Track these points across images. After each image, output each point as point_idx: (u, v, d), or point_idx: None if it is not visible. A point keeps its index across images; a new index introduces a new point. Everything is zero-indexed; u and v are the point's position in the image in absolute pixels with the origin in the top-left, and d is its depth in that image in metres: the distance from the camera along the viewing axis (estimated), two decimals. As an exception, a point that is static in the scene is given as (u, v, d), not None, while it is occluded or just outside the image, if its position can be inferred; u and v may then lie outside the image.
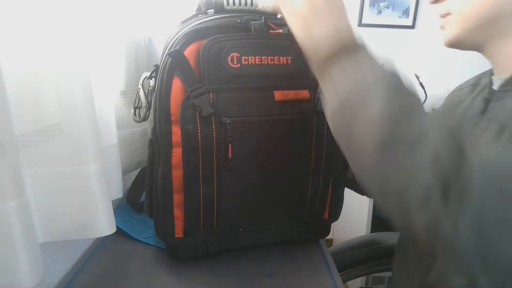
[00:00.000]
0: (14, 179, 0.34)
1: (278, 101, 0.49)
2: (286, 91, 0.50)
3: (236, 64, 0.47)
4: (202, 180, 0.50)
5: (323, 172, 0.56)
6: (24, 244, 0.36)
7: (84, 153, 0.43)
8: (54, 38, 0.40)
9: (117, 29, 0.59)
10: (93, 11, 0.53)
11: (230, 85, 0.48)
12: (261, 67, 0.49)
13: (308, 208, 0.57)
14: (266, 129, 0.50)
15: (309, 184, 0.55)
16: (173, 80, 0.47)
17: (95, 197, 0.45)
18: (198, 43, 0.47)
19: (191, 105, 0.46)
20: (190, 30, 0.47)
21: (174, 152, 0.49)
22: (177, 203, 0.51)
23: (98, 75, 0.53)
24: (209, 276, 0.53)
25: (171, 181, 0.50)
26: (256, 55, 0.48)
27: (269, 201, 0.54)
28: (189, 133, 0.47)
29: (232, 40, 0.47)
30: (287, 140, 0.51)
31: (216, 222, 0.53)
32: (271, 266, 0.56)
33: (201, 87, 0.46)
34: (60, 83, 0.41)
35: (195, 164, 0.49)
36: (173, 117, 0.48)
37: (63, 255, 0.54)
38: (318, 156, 0.54)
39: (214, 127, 0.47)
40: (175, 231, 0.52)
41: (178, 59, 0.46)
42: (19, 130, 0.38)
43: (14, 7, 0.37)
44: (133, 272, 0.54)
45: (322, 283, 0.52)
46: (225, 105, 0.47)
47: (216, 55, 0.46)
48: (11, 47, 0.37)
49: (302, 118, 0.51)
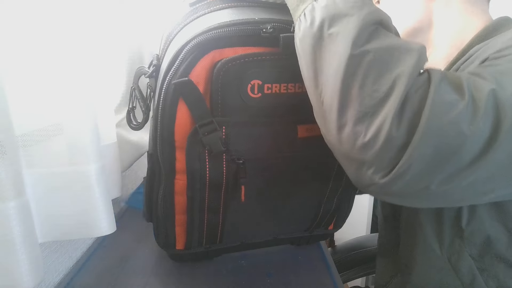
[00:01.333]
0: (14, 179, 0.35)
1: (301, 138, 0.42)
2: (311, 125, 0.42)
3: (257, 94, 0.38)
4: (208, 210, 0.45)
5: (337, 198, 0.52)
6: (24, 244, 0.36)
7: (84, 152, 0.43)
8: (55, 40, 0.40)
9: (116, 29, 0.59)
10: (92, 12, 0.53)
11: (246, 119, 0.39)
12: (287, 96, 0.39)
13: (316, 224, 0.56)
14: (285, 166, 0.44)
15: (321, 206, 0.52)
16: (178, 106, 0.38)
17: (95, 196, 0.45)
18: (211, 57, 0.37)
19: (199, 141, 0.39)
20: (202, 39, 0.36)
21: (178, 178, 0.43)
22: (179, 222, 0.48)
23: (97, 75, 0.54)
24: (209, 276, 0.53)
25: (174, 206, 0.45)
26: (281, 82, 0.39)
27: (276, 222, 0.52)
28: (195, 171, 0.41)
29: (255, 61, 0.37)
30: (306, 174, 0.46)
31: (219, 239, 0.51)
32: (270, 266, 0.56)
33: (212, 122, 0.38)
34: (60, 83, 0.41)
35: (201, 198, 0.44)
36: (177, 143, 0.40)
37: (63, 255, 0.54)
38: (337, 180, 0.49)
39: (225, 164, 0.41)
40: (176, 244, 0.51)
41: (186, 88, 0.37)
42: (19, 130, 0.38)
43: (15, 4, 0.37)
44: (133, 272, 0.54)
45: (322, 283, 0.52)
46: (239, 142, 0.40)
47: (233, 81, 0.37)
48: (11, 46, 0.37)
49: (328, 156, 0.39)
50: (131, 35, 0.64)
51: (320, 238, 0.62)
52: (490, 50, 0.40)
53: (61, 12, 0.40)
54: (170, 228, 0.48)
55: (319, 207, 0.52)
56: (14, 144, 0.35)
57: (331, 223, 0.59)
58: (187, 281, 0.52)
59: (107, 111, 0.56)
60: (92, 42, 0.52)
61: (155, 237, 0.53)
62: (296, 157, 0.44)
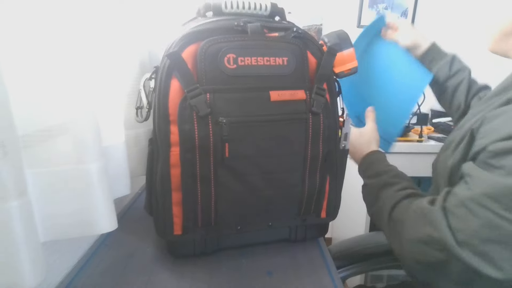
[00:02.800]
0: (16, 178, 0.34)
1: (274, 102, 0.50)
2: (282, 91, 0.50)
3: (233, 65, 0.48)
4: (200, 179, 0.50)
5: (320, 171, 0.56)
6: (26, 244, 0.36)
7: (85, 151, 0.44)
8: (57, 40, 0.40)
9: (121, 31, 0.59)
10: (98, 13, 0.53)
11: (226, 86, 0.48)
12: (257, 67, 0.49)
13: (305, 207, 0.58)
14: (262, 129, 0.50)
15: (305, 183, 0.56)
16: (171, 81, 0.48)
17: (97, 195, 0.45)
18: (196, 45, 0.48)
19: (188, 105, 0.47)
20: (188, 32, 0.48)
21: (173, 151, 0.49)
22: (175, 201, 0.52)
23: (103, 75, 0.54)
24: (210, 275, 0.54)
25: (170, 180, 0.50)
26: (252, 56, 0.49)
27: (266, 200, 0.54)
28: (186, 133, 0.48)
29: (229, 41, 0.48)
30: (283, 140, 0.52)
31: (214, 220, 0.53)
32: (270, 264, 0.56)
33: (198, 88, 0.47)
34: (62, 84, 0.41)
35: (193, 163, 0.49)
36: (172, 117, 0.48)
37: (64, 254, 0.55)
38: (314, 155, 0.54)
39: (211, 126, 0.48)
40: (174, 228, 0.53)
41: (176, 61, 0.47)
42: (21, 130, 0.38)
43: (16, 3, 0.37)
44: (134, 271, 0.54)
45: (321, 281, 0.53)
46: (221, 105, 0.48)
47: (213, 56, 0.47)
48: (13, 47, 0.37)
49: (298, 118, 0.52)
50: (137, 36, 0.64)
51: (316, 233, 0.64)
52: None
53: (66, 12, 0.40)
54: (167, 208, 0.52)
55: (303, 184, 0.55)
56: (16, 144, 0.35)
57: (322, 209, 0.60)
58: (188, 280, 0.53)
59: (115, 111, 0.57)
60: (97, 43, 0.52)
61: (155, 225, 0.56)
62: (273, 122, 0.51)
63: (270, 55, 0.50)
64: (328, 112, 0.54)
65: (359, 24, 1.72)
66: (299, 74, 0.51)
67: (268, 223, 0.58)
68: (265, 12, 0.55)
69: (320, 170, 0.56)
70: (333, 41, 0.56)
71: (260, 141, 0.51)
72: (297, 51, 0.51)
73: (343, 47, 0.56)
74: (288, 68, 0.51)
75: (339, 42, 0.56)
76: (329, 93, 0.55)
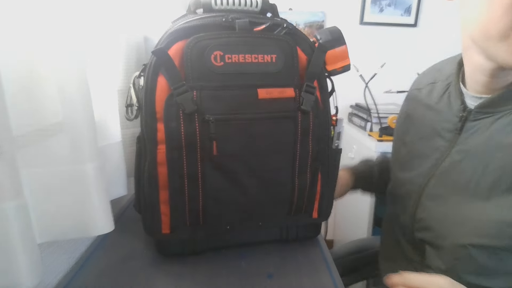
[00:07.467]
0: (12, 179, 0.34)
1: (262, 99, 0.49)
2: (270, 89, 0.50)
3: (220, 62, 0.48)
4: (187, 177, 0.50)
5: (310, 170, 0.55)
6: (22, 245, 0.36)
7: (81, 151, 0.43)
8: (52, 37, 0.39)
9: (116, 28, 0.59)
10: (92, 10, 0.53)
11: (213, 83, 0.48)
12: (245, 65, 0.49)
13: (296, 207, 0.57)
14: (251, 127, 0.50)
15: (295, 182, 0.55)
16: (158, 78, 0.48)
17: (93, 195, 0.45)
18: (183, 42, 0.47)
19: (174, 102, 0.47)
20: (175, 29, 0.48)
21: (160, 148, 0.49)
22: (163, 199, 0.51)
23: (99, 74, 0.54)
24: (209, 277, 0.53)
25: (157, 178, 0.50)
26: (239, 53, 0.48)
27: (255, 199, 0.53)
28: (172, 130, 0.48)
29: (215, 38, 0.48)
30: (271, 138, 0.51)
31: (202, 219, 0.53)
32: (270, 266, 0.56)
33: (184, 85, 0.47)
34: (58, 83, 0.41)
35: (179, 161, 0.49)
36: (158, 114, 0.48)
37: (61, 255, 0.54)
38: (303, 154, 0.54)
39: (198, 124, 0.48)
40: (162, 227, 0.52)
41: (162, 58, 0.47)
42: (16, 130, 0.38)
43: (12, 6, 0.37)
44: (132, 273, 0.54)
45: (322, 283, 0.52)
46: (208, 103, 0.48)
47: (199, 54, 0.47)
48: (9, 46, 0.37)
49: (286, 117, 0.51)
50: (137, 36, 0.64)
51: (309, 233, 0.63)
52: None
53: (62, 10, 0.40)
54: (155, 206, 0.51)
55: (293, 183, 0.55)
56: (11, 144, 0.34)
57: (314, 209, 0.59)
58: (186, 282, 0.52)
59: (112, 111, 0.56)
60: (92, 41, 0.52)
61: (143, 224, 0.55)
62: (262, 120, 0.50)
63: (258, 52, 0.49)
64: (318, 110, 0.53)
65: (362, 21, 1.70)
66: (289, 72, 0.51)
67: (258, 223, 0.57)
68: (256, 9, 0.54)
69: (311, 169, 0.55)
70: (325, 38, 0.55)
71: (247, 139, 0.50)
72: (287, 48, 0.50)
73: (336, 44, 0.55)
74: (276, 65, 0.50)
75: (332, 39, 0.55)
76: (320, 91, 0.54)
